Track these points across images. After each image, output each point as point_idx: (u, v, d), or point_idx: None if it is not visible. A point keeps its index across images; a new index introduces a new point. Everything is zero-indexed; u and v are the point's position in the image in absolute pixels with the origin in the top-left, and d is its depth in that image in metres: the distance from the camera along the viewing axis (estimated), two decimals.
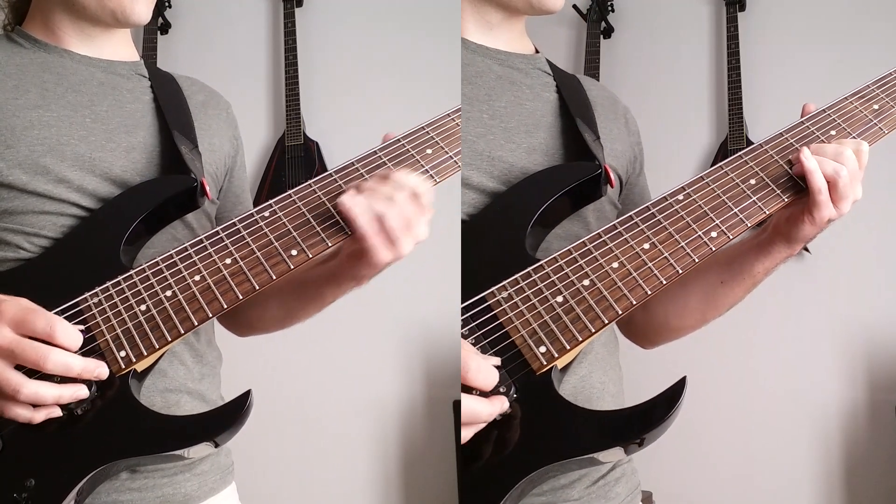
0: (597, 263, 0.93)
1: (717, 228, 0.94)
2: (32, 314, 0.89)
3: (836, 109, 1.04)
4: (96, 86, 1.10)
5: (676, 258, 0.93)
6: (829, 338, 2.63)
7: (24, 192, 1.01)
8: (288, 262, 0.97)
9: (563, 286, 0.92)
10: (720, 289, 1.08)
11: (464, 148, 1.02)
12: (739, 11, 2.76)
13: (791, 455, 2.64)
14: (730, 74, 2.74)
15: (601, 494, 1.03)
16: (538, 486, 0.92)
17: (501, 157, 1.04)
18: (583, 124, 1.08)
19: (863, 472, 2.59)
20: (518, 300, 0.91)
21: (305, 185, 1.02)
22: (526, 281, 0.93)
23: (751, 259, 1.04)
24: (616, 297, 0.91)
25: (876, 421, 2.58)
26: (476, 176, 1.02)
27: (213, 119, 1.20)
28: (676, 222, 0.95)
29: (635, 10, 2.96)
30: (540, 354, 0.88)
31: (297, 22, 2.76)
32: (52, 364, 0.87)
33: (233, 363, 1.31)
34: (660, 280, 0.92)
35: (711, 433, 2.59)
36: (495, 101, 1.07)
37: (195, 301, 0.96)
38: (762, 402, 2.65)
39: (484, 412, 0.84)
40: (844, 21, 2.67)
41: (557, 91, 1.13)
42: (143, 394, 0.98)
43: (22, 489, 0.87)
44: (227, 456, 1.16)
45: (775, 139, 1.01)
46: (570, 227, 1.05)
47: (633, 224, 0.96)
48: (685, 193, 0.97)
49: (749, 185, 0.97)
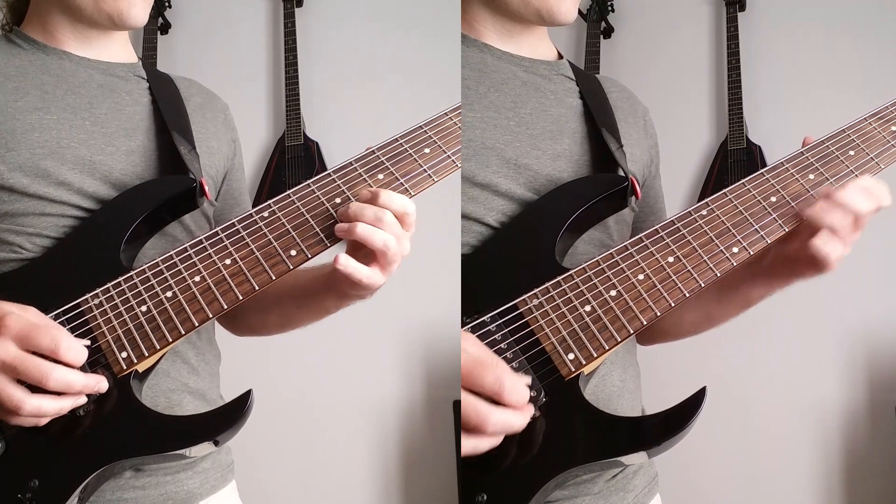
0: (623, 275, 0.96)
1: (739, 244, 0.98)
2: (37, 330, 0.89)
3: (855, 130, 1.06)
4: (95, 88, 1.11)
5: (699, 272, 0.96)
6: (830, 337, 2.63)
7: (25, 195, 1.01)
8: (287, 263, 0.98)
9: (592, 296, 0.95)
10: (716, 308, 1.13)
11: (491, 155, 1.04)
12: (739, 11, 2.76)
13: (791, 455, 2.63)
14: (730, 74, 2.74)
15: (620, 487, 1.06)
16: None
17: (528, 164, 1.05)
18: (607, 133, 1.11)
19: (863, 472, 2.59)
20: (548, 308, 0.95)
21: (304, 185, 1.02)
22: (556, 290, 0.96)
23: (748, 285, 1.08)
24: (641, 309, 0.94)
25: (876, 421, 2.58)
26: (504, 183, 1.04)
27: (211, 122, 1.21)
28: (700, 237, 0.98)
29: (635, 10, 2.96)
30: (569, 361, 0.92)
31: (297, 22, 2.76)
32: (54, 382, 0.88)
33: (233, 362, 1.31)
34: (683, 293, 0.95)
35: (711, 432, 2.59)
36: (521, 108, 1.09)
37: (195, 301, 0.96)
38: (762, 402, 2.65)
39: (517, 423, 0.87)
40: (845, 21, 2.67)
41: (581, 97, 1.14)
42: (147, 394, 0.99)
43: (26, 490, 0.87)
44: (228, 454, 1.17)
45: (796, 157, 1.04)
46: (592, 231, 1.08)
47: (658, 237, 0.99)
48: (709, 209, 1.00)
49: (770, 202, 1.00)
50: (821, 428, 2.63)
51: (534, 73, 1.13)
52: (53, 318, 0.94)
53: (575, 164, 1.09)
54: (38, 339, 0.88)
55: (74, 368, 0.90)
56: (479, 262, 1.01)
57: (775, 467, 2.65)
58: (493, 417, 0.85)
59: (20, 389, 0.87)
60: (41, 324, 0.90)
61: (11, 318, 0.89)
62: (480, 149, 1.04)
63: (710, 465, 2.62)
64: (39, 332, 0.89)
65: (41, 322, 0.91)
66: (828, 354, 2.63)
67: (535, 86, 1.12)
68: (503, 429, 0.86)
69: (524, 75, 1.12)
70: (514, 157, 1.05)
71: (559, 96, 1.13)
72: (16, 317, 0.89)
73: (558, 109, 1.11)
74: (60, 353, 0.88)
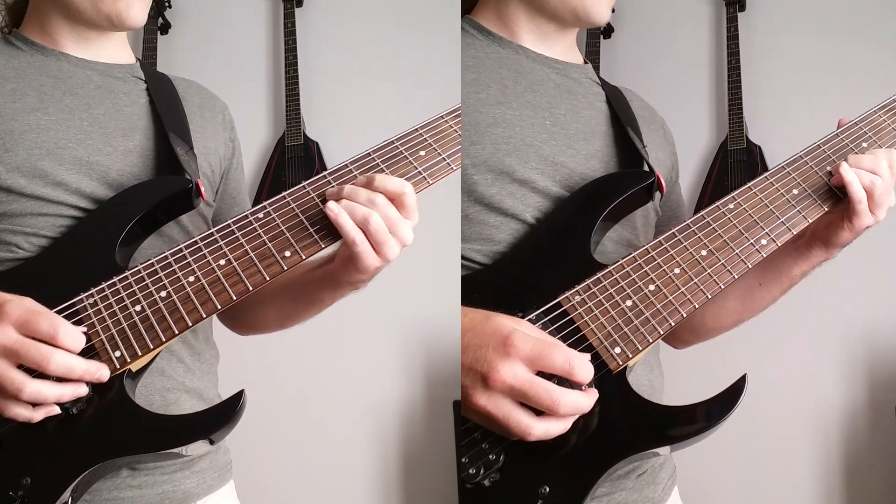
0: (660, 269, 1.00)
1: (767, 236, 1.02)
2: (36, 315, 0.90)
3: (866, 122, 1.11)
4: (93, 89, 1.11)
5: (732, 264, 1.00)
6: (830, 337, 2.62)
7: (22, 196, 1.01)
8: (281, 264, 0.98)
9: (632, 291, 0.98)
10: (758, 291, 1.16)
11: (530, 152, 1.06)
12: (739, 11, 2.76)
13: (791, 454, 2.63)
14: (730, 74, 2.74)
15: (650, 481, 1.09)
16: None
17: (564, 162, 1.08)
18: (633, 134, 1.14)
19: (863, 472, 2.59)
20: (591, 304, 0.97)
21: (299, 186, 1.03)
22: (597, 286, 0.99)
23: (789, 263, 1.12)
24: (680, 302, 0.98)
25: (876, 421, 2.58)
26: (541, 180, 1.06)
27: (209, 122, 1.21)
28: (730, 230, 1.02)
29: (635, 10, 2.96)
30: (616, 355, 0.95)
31: (297, 22, 2.76)
32: (54, 365, 0.88)
33: (232, 362, 1.31)
34: (718, 285, 0.99)
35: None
36: (556, 109, 1.11)
37: (189, 301, 0.96)
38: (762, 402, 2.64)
39: (585, 404, 0.90)
40: (845, 21, 2.67)
41: (607, 101, 1.17)
42: (142, 392, 0.99)
43: (18, 487, 0.88)
44: (226, 454, 1.17)
45: (813, 150, 1.08)
46: (621, 230, 1.10)
47: (690, 232, 1.02)
48: (735, 203, 1.04)
49: (792, 195, 1.04)
50: (821, 428, 2.62)
51: (566, 75, 1.16)
52: None
53: (606, 164, 1.11)
54: (38, 324, 0.89)
55: (73, 354, 0.90)
56: (519, 259, 1.03)
57: (775, 467, 2.65)
58: (566, 398, 0.87)
59: (21, 373, 0.88)
60: (40, 310, 0.91)
61: (11, 304, 0.90)
62: (520, 145, 1.06)
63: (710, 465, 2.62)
64: (39, 317, 0.89)
65: (40, 309, 0.92)
66: (828, 354, 2.63)
67: (568, 88, 1.15)
68: (574, 409, 0.89)
69: (557, 78, 1.14)
70: (551, 155, 1.07)
71: (589, 100, 1.16)
72: (15, 303, 0.90)
73: (589, 112, 1.14)
74: (59, 339, 0.89)
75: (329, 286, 1.08)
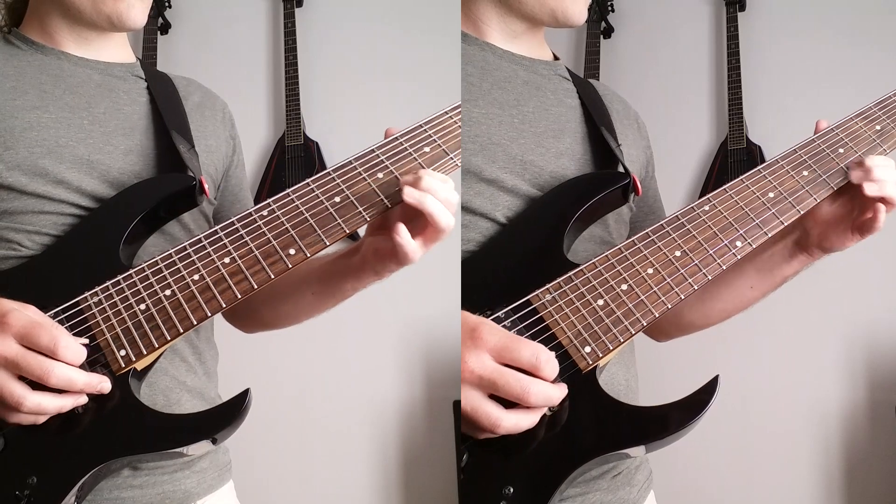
0: (633, 269, 0.99)
1: (742, 238, 1.01)
2: (37, 328, 0.89)
3: (843, 129, 1.11)
4: (93, 88, 1.11)
5: (706, 265, 0.99)
6: (830, 337, 2.63)
7: (23, 194, 1.01)
8: (286, 261, 0.98)
9: (603, 290, 0.98)
10: (749, 293, 1.16)
11: (497, 151, 1.05)
12: (739, 11, 2.76)
13: (791, 454, 2.63)
14: (730, 74, 2.74)
15: (626, 482, 1.08)
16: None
17: (533, 161, 1.06)
18: (606, 133, 1.13)
19: (863, 472, 2.59)
20: (562, 303, 0.97)
21: (303, 184, 1.02)
22: (568, 285, 0.98)
23: (783, 266, 1.12)
24: (653, 302, 0.97)
25: (876, 421, 2.58)
26: (510, 179, 1.05)
27: (210, 120, 1.21)
28: (704, 231, 1.02)
29: (635, 10, 2.96)
30: (586, 354, 0.94)
31: (297, 22, 2.76)
32: (55, 379, 0.88)
33: (232, 362, 1.31)
34: (692, 286, 0.98)
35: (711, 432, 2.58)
36: (524, 106, 1.10)
37: (194, 300, 0.96)
38: (762, 402, 2.65)
39: (555, 396, 0.89)
40: (845, 21, 2.67)
41: (579, 97, 1.16)
42: (145, 392, 0.99)
43: (24, 486, 0.87)
44: (226, 454, 1.17)
45: (789, 155, 1.08)
46: (593, 228, 1.09)
47: (664, 233, 1.02)
48: (711, 204, 1.04)
49: (768, 198, 1.04)
50: (821, 428, 2.62)
51: (534, 72, 1.14)
52: (52, 317, 0.94)
53: (577, 162, 1.10)
54: (38, 337, 0.88)
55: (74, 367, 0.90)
56: (489, 258, 1.02)
57: (775, 467, 2.65)
58: (536, 387, 0.87)
59: (22, 386, 0.87)
60: (42, 322, 0.90)
61: (13, 315, 0.89)
62: (487, 144, 1.04)
63: (710, 465, 2.62)
64: (39, 329, 0.89)
65: (42, 320, 0.91)
66: (828, 354, 2.63)
67: (536, 85, 1.13)
68: (545, 399, 0.88)
69: (525, 74, 1.13)
70: (519, 154, 1.06)
71: (559, 96, 1.14)
72: (18, 314, 0.89)
73: (559, 109, 1.13)
74: (59, 352, 0.88)
75: (353, 276, 1.07)
